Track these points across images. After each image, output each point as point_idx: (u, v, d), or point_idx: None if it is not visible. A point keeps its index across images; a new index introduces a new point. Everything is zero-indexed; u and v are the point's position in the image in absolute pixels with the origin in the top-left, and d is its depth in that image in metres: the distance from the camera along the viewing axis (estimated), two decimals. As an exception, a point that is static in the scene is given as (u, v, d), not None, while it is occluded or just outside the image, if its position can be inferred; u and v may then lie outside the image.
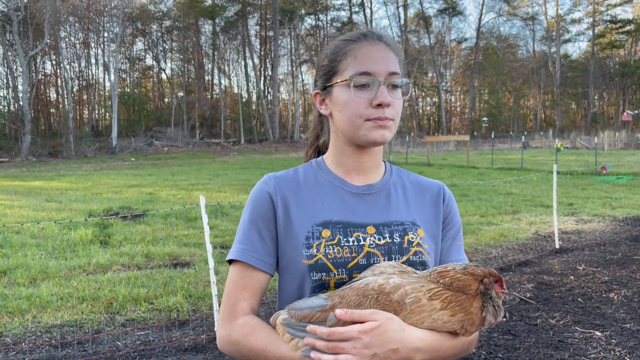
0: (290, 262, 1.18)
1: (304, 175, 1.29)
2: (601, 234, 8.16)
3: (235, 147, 46.20)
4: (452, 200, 1.34)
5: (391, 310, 0.99)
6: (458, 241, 1.31)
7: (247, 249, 1.20)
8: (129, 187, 15.89)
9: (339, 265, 1.14)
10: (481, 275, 1.02)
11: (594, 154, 22.00)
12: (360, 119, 1.18)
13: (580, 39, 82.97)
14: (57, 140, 41.57)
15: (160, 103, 63.03)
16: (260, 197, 1.24)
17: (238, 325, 1.15)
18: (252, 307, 1.18)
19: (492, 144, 28.35)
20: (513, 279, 5.69)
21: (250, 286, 1.19)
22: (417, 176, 1.36)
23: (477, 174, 19.00)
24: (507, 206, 10.87)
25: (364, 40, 1.21)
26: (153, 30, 59.54)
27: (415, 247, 1.19)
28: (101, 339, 4.25)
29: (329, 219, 1.19)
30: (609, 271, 5.92)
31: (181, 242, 7.74)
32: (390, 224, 1.21)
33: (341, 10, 65.29)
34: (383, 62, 1.18)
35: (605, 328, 4.22)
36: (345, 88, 1.19)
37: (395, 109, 1.19)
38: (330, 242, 1.15)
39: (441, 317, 0.99)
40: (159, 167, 27.74)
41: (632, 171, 18.04)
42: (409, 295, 1.00)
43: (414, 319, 0.99)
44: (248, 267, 1.19)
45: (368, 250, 1.16)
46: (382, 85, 1.16)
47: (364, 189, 1.25)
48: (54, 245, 7.55)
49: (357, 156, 1.26)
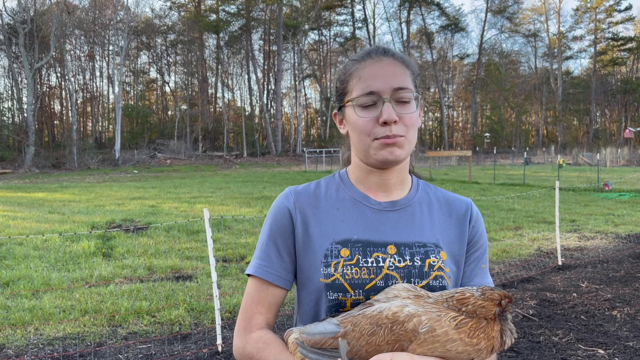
0: (308, 279, 1.18)
1: (326, 190, 1.27)
2: (604, 251, 8.15)
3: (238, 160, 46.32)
4: (480, 221, 1.29)
5: (406, 340, 0.98)
6: (483, 264, 1.26)
7: (264, 265, 1.21)
8: (132, 199, 15.93)
9: (356, 287, 1.13)
10: (499, 299, 1.01)
11: (596, 170, 21.99)
12: (368, 138, 1.16)
13: (581, 56, 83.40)
14: (61, 152, 41.77)
15: (163, 116, 63.38)
16: (279, 213, 1.23)
17: (252, 339, 1.17)
18: (267, 321, 1.20)
19: (495, 160, 28.38)
20: (515, 295, 5.68)
21: (266, 301, 1.20)
22: (445, 192, 1.31)
23: (480, 189, 19.00)
24: (509, 222, 10.86)
25: (367, 58, 1.20)
26: (158, 44, 60.10)
27: (436, 272, 1.16)
28: (103, 352, 4.25)
29: (349, 237, 1.18)
30: (612, 288, 5.90)
31: (184, 255, 7.75)
32: (412, 245, 1.18)
33: (344, 25, 65.91)
34: (387, 79, 1.16)
35: (609, 346, 4.21)
36: (354, 109, 1.19)
37: (405, 125, 1.16)
38: (349, 262, 1.14)
39: (455, 347, 0.97)
40: (161, 179, 27.81)
41: (635, 188, 18.03)
42: (424, 325, 0.98)
43: (426, 347, 0.97)
44: (264, 282, 1.20)
45: (387, 273, 1.14)
46: (387, 102, 1.14)
47: (387, 205, 1.22)
48: (56, 257, 7.56)
49: (379, 174, 1.23)
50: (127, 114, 52.69)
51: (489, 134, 63.99)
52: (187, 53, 57.66)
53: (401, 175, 1.25)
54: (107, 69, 56.09)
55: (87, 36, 52.16)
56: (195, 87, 60.01)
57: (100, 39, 54.21)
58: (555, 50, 68.91)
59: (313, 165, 38.03)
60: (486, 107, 73.67)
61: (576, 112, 72.15)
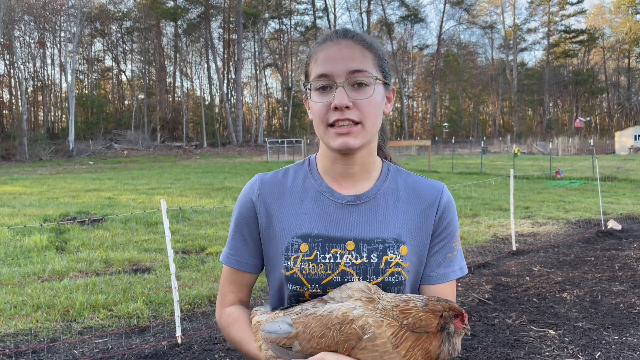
0: (272, 267, 1.24)
1: (293, 179, 1.26)
2: (555, 236, 8.46)
3: (198, 150, 45.63)
4: (449, 210, 1.24)
5: (354, 339, 0.99)
6: (448, 253, 1.24)
7: (231, 254, 1.28)
8: (87, 192, 15.46)
9: (313, 281, 1.16)
10: (441, 311, 1.01)
11: (549, 159, 22.79)
12: (322, 124, 1.13)
13: (535, 48, 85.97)
14: (10, 143, 40.07)
15: (120, 105, 61.67)
16: (243, 205, 1.27)
17: (225, 313, 1.28)
18: (239, 299, 1.30)
19: (453, 149, 28.99)
20: (472, 280, 5.83)
21: (237, 282, 1.29)
22: (417, 179, 1.26)
23: (438, 178, 19.38)
24: (467, 210, 11.13)
25: (327, 41, 1.16)
26: (112, 31, 58.27)
27: (393, 268, 1.15)
28: (57, 347, 4.13)
29: (310, 231, 1.18)
30: (562, 272, 6.14)
31: (142, 247, 7.59)
32: (371, 241, 1.17)
33: (305, 14, 65.57)
34: (342, 61, 1.11)
35: (559, 327, 4.38)
36: (311, 94, 1.15)
37: (362, 111, 1.11)
38: (307, 257, 1.16)
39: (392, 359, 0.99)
40: (118, 170, 27.10)
41: (585, 176, 18.78)
42: (368, 329, 0.99)
43: (366, 354, 0.99)
44: (233, 269, 1.29)
45: (343, 269, 1.15)
46: (340, 86, 1.10)
47: (350, 199, 1.20)
48: (6, 251, 7.27)
49: (343, 162, 1.20)
50: (81, 103, 50.95)
51: (447, 124, 65.28)
52: (143, 41, 56.17)
53: (366, 165, 1.21)
54: (59, 56, 54.10)
55: (37, 22, 50.01)
56: (153, 76, 58.63)
57: (51, 25, 52.07)
58: (511, 42, 70.70)
59: (275, 156, 37.86)
60: (445, 97, 75.07)
61: (530, 102, 74.46)
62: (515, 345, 4.03)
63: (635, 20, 69.69)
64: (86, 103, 52.32)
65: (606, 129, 69.05)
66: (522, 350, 3.91)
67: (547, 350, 3.93)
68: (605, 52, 73.39)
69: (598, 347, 3.96)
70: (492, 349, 3.94)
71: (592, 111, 74.06)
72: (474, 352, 3.89)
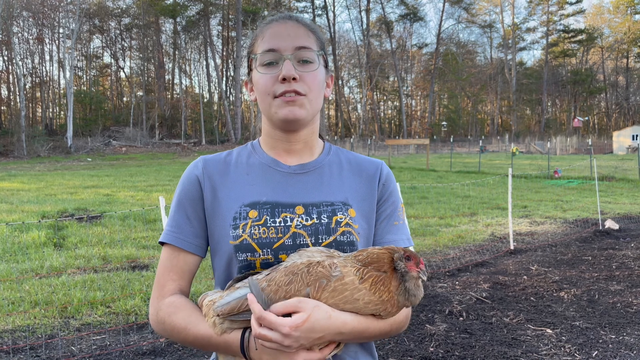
0: (218, 243, 1.19)
1: (237, 157, 1.28)
2: (553, 235, 8.48)
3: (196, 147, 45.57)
4: (390, 180, 1.30)
5: (325, 277, 1.00)
6: (395, 221, 1.27)
7: (173, 232, 1.21)
8: (85, 188, 15.44)
9: (264, 246, 1.13)
10: (393, 250, 1.03)
11: (547, 158, 22.82)
12: (269, 97, 1.17)
13: (534, 47, 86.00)
14: (8, 139, 39.94)
15: (118, 102, 61.53)
16: (187, 181, 1.24)
17: (164, 304, 1.16)
18: (180, 288, 1.20)
19: (451, 148, 28.99)
20: (470, 279, 5.84)
21: (178, 268, 1.20)
22: (357, 156, 1.32)
23: (437, 177, 19.40)
24: (465, 208, 11.14)
25: (273, 22, 1.21)
26: (111, 28, 58.11)
27: (344, 227, 1.17)
28: (55, 344, 4.13)
29: (258, 199, 1.18)
30: (559, 271, 6.16)
31: (140, 244, 7.59)
32: (319, 204, 1.19)
33: (304, 12, 65.38)
34: (289, 37, 1.17)
35: (556, 326, 4.40)
36: (257, 68, 1.19)
37: (307, 84, 1.16)
38: (257, 222, 1.15)
39: (363, 296, 1.00)
40: (116, 167, 27.06)
41: (582, 175, 18.81)
42: (336, 269, 1.00)
43: (338, 297, 1.00)
44: (175, 249, 1.20)
45: (294, 231, 1.15)
46: (288, 59, 1.15)
47: (296, 169, 1.24)
48: (4, 247, 7.26)
49: (287, 139, 1.24)
50: (79, 100, 50.84)
51: (446, 122, 65.30)
52: (142, 38, 56.02)
53: (309, 142, 1.26)
54: (57, 52, 53.94)
55: (36, 18, 49.85)
56: (152, 73, 58.50)
57: (50, 21, 51.93)
58: (510, 42, 70.71)
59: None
60: (444, 96, 75.08)
61: (529, 102, 74.51)
62: (512, 343, 4.04)
63: (634, 20, 69.77)
64: (84, 100, 52.20)
65: (604, 129, 69.18)
66: (520, 349, 3.92)
67: (544, 349, 3.94)
68: (604, 52, 73.47)
69: (595, 346, 3.97)
70: (489, 347, 3.95)
71: (590, 111, 74.16)
72: (471, 351, 3.90)
